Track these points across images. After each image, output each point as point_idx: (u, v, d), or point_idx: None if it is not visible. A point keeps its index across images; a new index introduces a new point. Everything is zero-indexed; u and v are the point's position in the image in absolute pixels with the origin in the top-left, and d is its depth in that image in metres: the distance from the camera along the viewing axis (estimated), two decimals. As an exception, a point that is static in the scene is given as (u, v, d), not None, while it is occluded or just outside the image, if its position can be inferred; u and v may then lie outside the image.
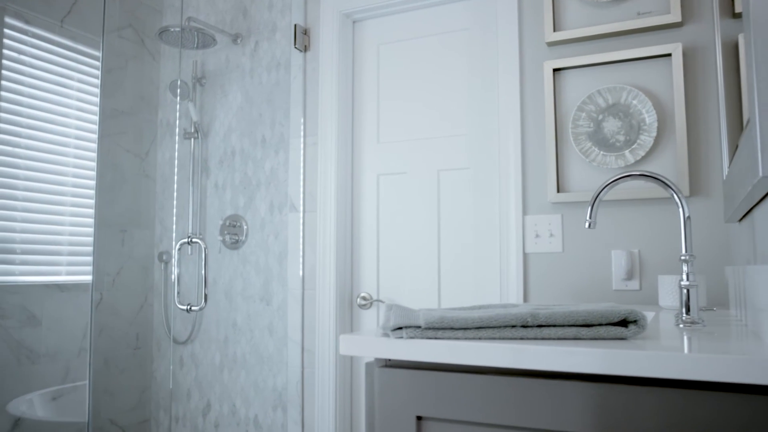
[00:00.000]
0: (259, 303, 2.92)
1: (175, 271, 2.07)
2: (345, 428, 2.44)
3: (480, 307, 1.21)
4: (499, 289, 2.26)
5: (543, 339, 0.98)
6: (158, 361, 3.23)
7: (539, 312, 0.99)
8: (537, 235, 2.20)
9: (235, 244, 2.99)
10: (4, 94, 2.64)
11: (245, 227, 2.97)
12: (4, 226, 2.62)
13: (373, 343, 1.02)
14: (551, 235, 2.18)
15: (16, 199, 2.67)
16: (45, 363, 2.73)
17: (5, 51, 2.67)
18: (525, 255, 2.22)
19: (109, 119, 3.11)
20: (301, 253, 2.50)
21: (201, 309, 1.90)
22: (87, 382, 1.78)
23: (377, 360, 1.06)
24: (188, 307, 1.92)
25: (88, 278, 2.96)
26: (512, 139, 2.24)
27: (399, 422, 1.01)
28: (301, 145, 2.54)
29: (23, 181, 2.70)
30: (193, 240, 1.96)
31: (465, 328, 0.99)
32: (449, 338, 0.99)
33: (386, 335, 1.05)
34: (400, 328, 1.02)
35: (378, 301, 2.44)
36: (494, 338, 0.99)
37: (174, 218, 3.15)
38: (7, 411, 2.58)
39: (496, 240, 2.30)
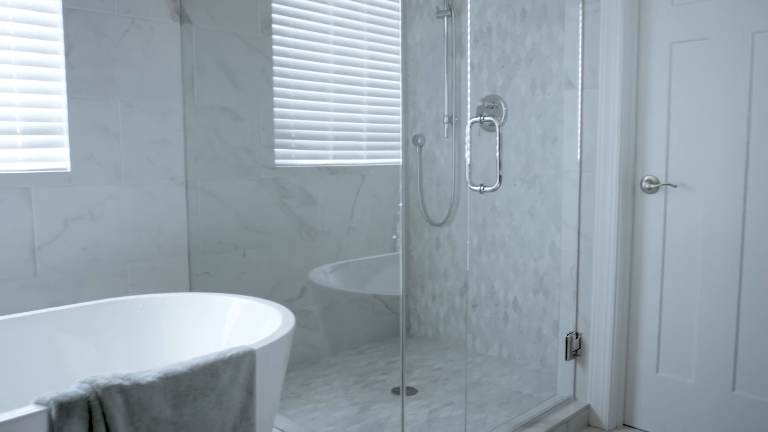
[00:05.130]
0: (520, 186, 2.85)
1: (467, 153, 2.04)
2: (623, 317, 2.35)
3: None
4: (831, 173, 1.92)
5: None
6: (414, 242, 3.35)
7: None
8: None
9: (493, 126, 2.90)
10: (275, -18, 2.71)
11: (504, 108, 2.86)
12: (282, 113, 2.78)
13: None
14: None
15: (288, 86, 2.80)
16: (321, 239, 2.96)
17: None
18: None
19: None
20: (578, 134, 2.34)
21: (494, 189, 1.85)
22: (400, 253, 1.88)
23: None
24: (481, 187, 1.89)
25: (351, 161, 3.09)
26: None
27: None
28: (580, 14, 2.30)
29: (293, 69, 2.82)
30: (485, 118, 1.89)
31: None
32: None
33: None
34: None
35: (667, 185, 2.23)
36: None
37: (471, 99, 3.12)
38: (311, 278, 2.87)
39: (831, 114, 1.93)
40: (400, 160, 3.27)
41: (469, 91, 2.95)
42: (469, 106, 2.94)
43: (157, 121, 2.33)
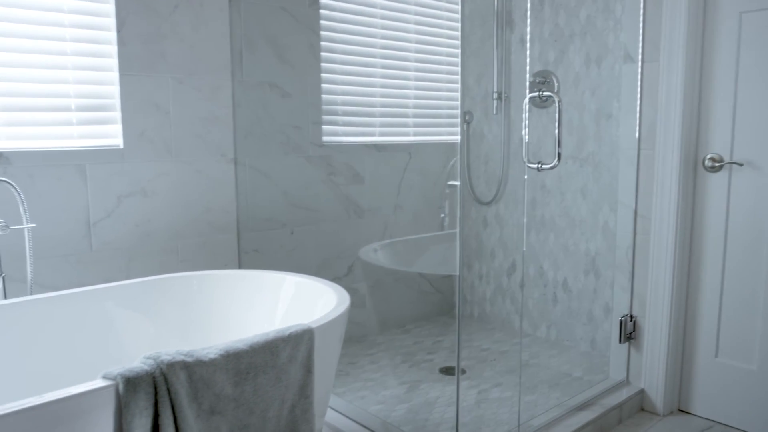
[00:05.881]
0: (571, 164, 2.77)
1: (525, 130, 1.98)
2: (681, 300, 2.27)
3: None
4: None
5: None
6: (461, 220, 3.30)
7: None
8: None
9: (545, 103, 2.82)
10: (322, -45, 2.66)
11: (556, 84, 2.77)
12: (329, 89, 2.74)
13: None
14: None
15: (335, 62, 2.76)
16: (368, 217, 2.93)
17: None
18: None
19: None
20: (637, 110, 2.25)
21: (553, 167, 1.80)
22: (457, 231, 1.85)
23: None
24: (538, 165, 1.83)
25: (398, 139, 3.04)
26: None
27: None
28: (642, -16, 2.20)
29: (341, 45, 2.77)
30: (544, 94, 1.82)
31: None
32: None
33: None
34: None
35: (732, 163, 2.13)
36: None
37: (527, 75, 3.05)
38: (358, 255, 2.86)
39: None
40: (447, 138, 3.21)
41: (528, 68, 2.87)
42: (527, 83, 2.85)
43: (206, 98, 2.33)
